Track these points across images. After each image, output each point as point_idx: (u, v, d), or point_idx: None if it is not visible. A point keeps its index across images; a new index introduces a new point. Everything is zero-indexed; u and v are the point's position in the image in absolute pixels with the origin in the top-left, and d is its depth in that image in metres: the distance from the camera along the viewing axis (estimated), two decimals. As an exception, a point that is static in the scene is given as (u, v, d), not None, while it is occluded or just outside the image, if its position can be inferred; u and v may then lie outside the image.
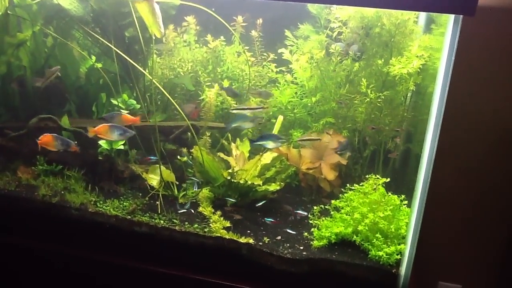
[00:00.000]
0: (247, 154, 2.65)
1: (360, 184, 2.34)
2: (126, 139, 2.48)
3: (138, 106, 2.68)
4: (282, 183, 2.55)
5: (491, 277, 2.86)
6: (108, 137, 2.32)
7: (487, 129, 2.62)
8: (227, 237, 2.23)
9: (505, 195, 2.70)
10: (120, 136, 2.33)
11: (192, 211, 2.39)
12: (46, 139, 2.31)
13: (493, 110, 2.59)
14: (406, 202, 2.27)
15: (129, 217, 2.35)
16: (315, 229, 2.30)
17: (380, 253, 2.11)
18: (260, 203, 2.44)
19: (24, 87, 2.74)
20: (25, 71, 2.80)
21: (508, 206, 2.71)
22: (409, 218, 2.16)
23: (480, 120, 2.62)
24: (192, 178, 2.49)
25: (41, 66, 2.82)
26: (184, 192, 2.55)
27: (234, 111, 2.52)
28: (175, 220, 2.34)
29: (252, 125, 2.52)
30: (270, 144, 2.36)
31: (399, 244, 2.15)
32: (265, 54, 2.79)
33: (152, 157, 2.49)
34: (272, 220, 2.39)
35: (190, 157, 2.58)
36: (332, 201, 2.37)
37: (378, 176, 2.32)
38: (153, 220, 2.34)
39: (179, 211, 2.40)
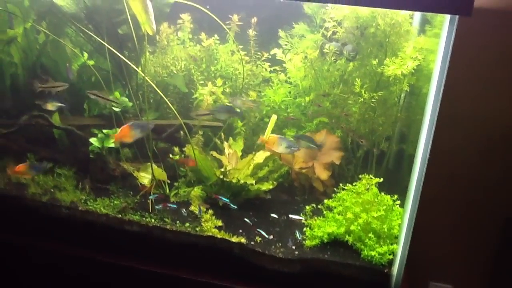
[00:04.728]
0: (239, 153, 2.64)
1: (353, 184, 2.34)
2: (291, 153, 2.43)
3: (130, 104, 2.66)
4: (274, 183, 2.54)
5: (482, 277, 2.87)
6: (275, 148, 2.29)
7: (481, 130, 2.63)
8: (218, 236, 2.21)
9: (497, 196, 2.71)
10: (286, 149, 2.29)
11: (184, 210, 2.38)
12: (272, 139, 2.29)
13: (487, 111, 2.60)
14: (398, 202, 2.27)
15: (120, 215, 2.33)
16: (308, 228, 2.29)
17: (373, 253, 2.11)
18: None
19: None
20: (16, 68, 2.77)
21: (500, 206, 2.72)
22: (402, 218, 2.16)
23: (473, 121, 2.62)
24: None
25: (33, 62, 2.79)
26: (176, 191, 2.53)
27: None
28: (166, 219, 2.32)
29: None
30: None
31: (391, 244, 2.14)
32: (259, 53, 2.77)
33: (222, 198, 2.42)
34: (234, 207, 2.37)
35: (183, 155, 2.56)
36: (325, 201, 2.36)
37: (371, 176, 2.31)
38: (144, 219, 2.32)
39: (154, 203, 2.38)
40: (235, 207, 2.36)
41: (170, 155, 2.57)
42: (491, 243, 2.79)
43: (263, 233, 2.27)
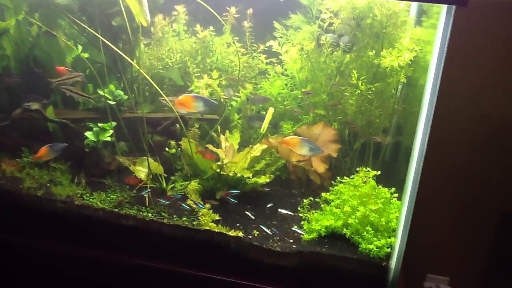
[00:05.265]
0: (236, 146, 2.62)
1: (351, 177, 2.32)
2: (314, 155, 2.41)
3: (126, 97, 2.63)
4: (272, 176, 2.52)
5: (478, 269, 2.88)
6: (297, 151, 2.26)
7: (479, 123, 2.62)
8: (216, 230, 2.20)
9: (494, 189, 2.71)
10: (309, 152, 2.26)
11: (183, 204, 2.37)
12: (294, 141, 2.25)
13: (485, 103, 2.59)
14: (396, 195, 2.26)
15: (116, 210, 2.31)
16: (305, 222, 2.28)
17: (370, 246, 2.10)
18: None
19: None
20: (8, 60, 2.73)
21: (497, 199, 2.72)
22: (400, 211, 2.15)
23: (472, 114, 2.62)
24: None
25: (25, 55, 2.75)
26: (173, 185, 2.51)
27: None
28: (163, 213, 2.31)
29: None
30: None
31: (389, 237, 2.14)
32: (255, 45, 2.74)
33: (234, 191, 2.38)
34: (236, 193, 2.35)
35: (179, 149, 2.54)
36: (322, 194, 2.35)
37: (368, 169, 2.30)
38: (141, 213, 2.30)
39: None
40: (235, 201, 2.35)
41: (166, 149, 2.55)
42: (487, 236, 2.80)
43: (266, 229, 2.25)
